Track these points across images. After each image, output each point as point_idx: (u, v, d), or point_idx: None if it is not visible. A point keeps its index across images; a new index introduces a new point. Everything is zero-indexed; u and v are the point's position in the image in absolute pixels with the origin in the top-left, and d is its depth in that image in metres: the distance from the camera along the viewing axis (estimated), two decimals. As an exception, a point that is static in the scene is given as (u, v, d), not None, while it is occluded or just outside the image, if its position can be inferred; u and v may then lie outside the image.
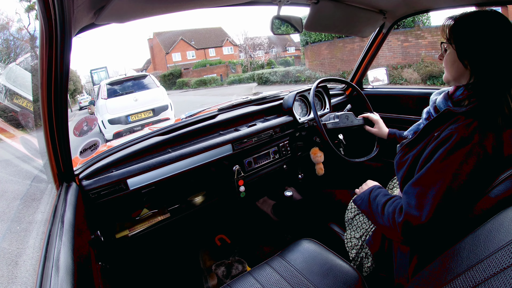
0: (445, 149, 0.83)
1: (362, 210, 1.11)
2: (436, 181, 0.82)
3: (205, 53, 36.22)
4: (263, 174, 1.73)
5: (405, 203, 0.88)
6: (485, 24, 0.84)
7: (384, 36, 1.90)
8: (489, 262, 0.52)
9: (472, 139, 0.79)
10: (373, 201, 1.06)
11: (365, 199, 1.10)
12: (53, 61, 0.80)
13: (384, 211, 0.97)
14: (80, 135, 1.18)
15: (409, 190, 0.89)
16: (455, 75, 0.93)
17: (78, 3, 0.77)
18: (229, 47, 37.32)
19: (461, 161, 0.80)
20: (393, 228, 0.90)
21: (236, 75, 23.79)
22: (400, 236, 0.87)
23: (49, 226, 0.83)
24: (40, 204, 1.08)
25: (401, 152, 1.02)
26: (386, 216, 0.94)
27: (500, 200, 0.75)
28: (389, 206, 0.96)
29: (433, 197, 0.82)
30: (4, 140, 1.21)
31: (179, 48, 35.99)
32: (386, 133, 1.57)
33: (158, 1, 0.93)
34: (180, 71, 30.25)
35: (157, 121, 6.89)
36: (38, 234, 0.85)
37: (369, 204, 1.06)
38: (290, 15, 1.37)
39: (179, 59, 35.68)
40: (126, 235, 1.38)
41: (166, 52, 35.28)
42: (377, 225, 1.02)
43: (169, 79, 30.00)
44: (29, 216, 1.04)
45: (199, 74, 27.58)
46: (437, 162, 0.84)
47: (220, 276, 1.65)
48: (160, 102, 7.13)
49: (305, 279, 1.04)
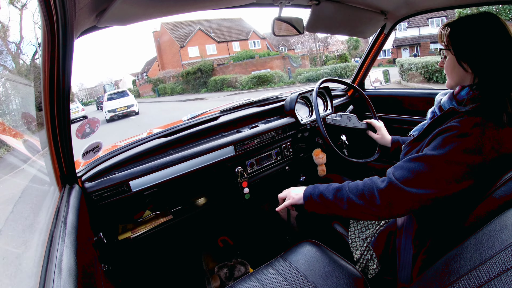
0: (443, 137, 0.84)
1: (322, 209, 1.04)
2: (429, 164, 0.83)
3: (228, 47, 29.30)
4: (266, 175, 1.73)
5: (390, 175, 0.89)
6: (479, 25, 0.86)
7: (386, 37, 1.90)
8: (493, 263, 0.52)
9: (473, 133, 0.79)
10: (327, 192, 1.01)
11: (315, 196, 1.05)
12: (55, 63, 0.81)
13: (351, 191, 0.95)
14: (83, 137, 1.18)
15: (400, 164, 0.90)
16: (457, 80, 0.94)
17: (80, 6, 0.78)
18: (255, 40, 30.65)
19: (459, 150, 0.80)
20: (372, 201, 0.89)
21: (311, 69, 17.94)
22: (380, 206, 0.88)
23: (51, 228, 0.83)
24: (43, 206, 1.08)
25: (406, 148, 1.04)
26: (358, 193, 0.93)
27: (503, 201, 0.74)
28: (355, 184, 0.96)
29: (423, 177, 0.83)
30: (6, 141, 1.22)
31: (197, 40, 28.85)
32: (389, 141, 1.54)
33: (160, 3, 0.93)
34: (211, 67, 23.48)
35: (129, 111, 15.00)
36: (40, 236, 0.85)
37: (325, 199, 1.01)
38: (292, 17, 1.37)
39: (196, 54, 28.56)
40: (128, 237, 1.38)
41: (180, 45, 28.42)
42: (347, 213, 0.97)
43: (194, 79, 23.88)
44: (32, 218, 1.05)
45: (244, 70, 21.20)
46: (433, 147, 0.85)
47: (222, 278, 1.65)
48: (131, 102, 15.29)
49: (308, 281, 1.04)
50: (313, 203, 1.05)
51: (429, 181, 0.82)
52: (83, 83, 45.26)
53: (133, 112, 15.18)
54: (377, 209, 0.89)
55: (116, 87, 40.17)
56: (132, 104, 15.16)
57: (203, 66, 23.41)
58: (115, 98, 15.59)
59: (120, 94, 16.05)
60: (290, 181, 2.03)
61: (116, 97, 15.65)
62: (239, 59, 22.81)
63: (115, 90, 16.77)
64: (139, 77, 40.42)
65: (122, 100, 15.30)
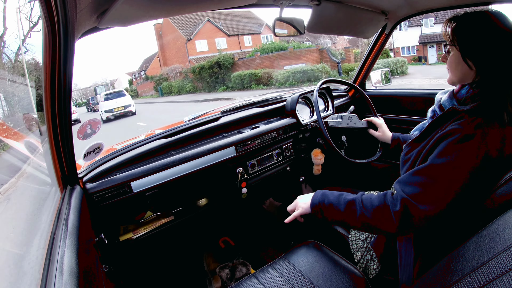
0: (447, 143, 0.82)
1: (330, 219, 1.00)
2: (437, 173, 0.81)
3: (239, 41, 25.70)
4: (267, 176, 1.72)
5: (401, 192, 0.85)
6: (487, 23, 0.84)
7: (387, 37, 1.90)
8: (494, 263, 0.52)
9: (476, 134, 0.78)
10: (338, 204, 0.97)
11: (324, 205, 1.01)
12: (56, 64, 0.81)
13: (365, 208, 0.91)
14: (84, 138, 1.18)
15: (408, 179, 0.87)
16: (459, 77, 0.92)
17: (81, 7, 0.78)
18: (268, 34, 26.65)
19: (464, 156, 0.79)
20: (387, 221, 0.85)
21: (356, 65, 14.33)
22: (396, 226, 0.84)
23: (53, 229, 0.83)
24: (44, 207, 1.08)
25: (407, 148, 1.03)
26: (372, 211, 0.88)
27: (504, 200, 0.74)
28: (370, 201, 0.91)
29: (434, 189, 0.80)
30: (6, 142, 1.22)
31: (205, 33, 25.48)
32: (390, 138, 1.54)
33: (161, 4, 0.93)
34: (231, 60, 19.38)
35: (126, 111, 14.94)
36: (42, 237, 0.86)
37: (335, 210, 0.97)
38: (292, 17, 1.37)
39: (205, 48, 25.46)
40: (130, 237, 1.38)
41: (187, 38, 25.11)
42: (357, 226, 0.94)
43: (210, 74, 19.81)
44: (33, 219, 1.05)
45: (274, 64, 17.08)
46: (439, 155, 0.83)
47: (224, 278, 1.64)
48: (128, 102, 15.27)
49: (309, 282, 1.04)
50: (321, 211, 1.02)
51: (441, 193, 0.80)
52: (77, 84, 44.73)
53: (130, 112, 15.13)
54: (391, 228, 0.85)
55: (112, 87, 40.12)
56: (129, 104, 15.18)
57: (222, 60, 19.20)
58: (112, 98, 15.49)
59: (117, 94, 15.96)
60: (291, 181, 2.03)
61: (113, 97, 15.54)
62: (266, 51, 18.81)
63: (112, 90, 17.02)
64: (137, 75, 38.91)
65: (119, 100, 15.26)
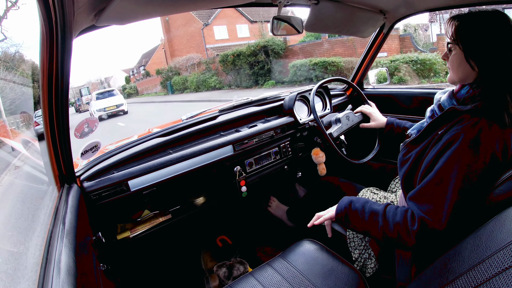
0: (452, 151, 0.82)
1: (352, 226, 1.01)
2: (447, 185, 0.81)
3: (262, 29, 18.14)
4: (264, 174, 1.73)
5: (417, 210, 0.85)
6: (491, 23, 0.83)
7: (385, 36, 1.90)
8: (491, 262, 0.52)
9: (479, 138, 0.78)
10: (362, 213, 0.97)
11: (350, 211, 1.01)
12: (54, 63, 0.81)
13: (387, 220, 0.90)
14: (81, 137, 1.18)
15: (419, 196, 0.86)
16: (461, 77, 0.91)
17: (78, 5, 0.77)
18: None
19: (470, 162, 0.78)
20: (405, 237, 0.85)
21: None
22: (413, 243, 0.84)
23: (50, 227, 0.83)
24: (41, 206, 1.08)
25: (405, 149, 1.02)
26: (393, 226, 0.88)
27: (502, 200, 0.74)
28: (392, 215, 0.90)
29: (447, 202, 0.80)
30: (4, 141, 1.21)
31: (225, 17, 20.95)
32: (384, 123, 1.53)
33: (159, 2, 0.93)
34: (283, 45, 14.11)
35: (118, 110, 15.05)
36: (39, 235, 0.85)
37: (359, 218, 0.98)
38: (290, 16, 1.37)
39: (224, 36, 21.15)
40: (127, 236, 1.38)
41: (204, 23, 20.66)
42: (377, 237, 0.94)
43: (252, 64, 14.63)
44: (30, 218, 1.04)
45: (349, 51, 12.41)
46: (446, 165, 0.82)
47: (221, 277, 1.65)
48: (120, 102, 15.37)
49: (307, 280, 1.04)
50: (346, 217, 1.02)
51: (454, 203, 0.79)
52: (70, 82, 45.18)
53: (121, 111, 15.27)
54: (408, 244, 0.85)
55: (107, 85, 40.29)
56: (121, 104, 15.34)
57: (271, 44, 14.03)
58: (103, 97, 15.72)
59: (108, 93, 16.22)
60: (289, 180, 2.03)
61: (104, 96, 15.77)
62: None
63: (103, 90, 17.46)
64: (135, 72, 37.32)
65: (111, 99, 15.45)
